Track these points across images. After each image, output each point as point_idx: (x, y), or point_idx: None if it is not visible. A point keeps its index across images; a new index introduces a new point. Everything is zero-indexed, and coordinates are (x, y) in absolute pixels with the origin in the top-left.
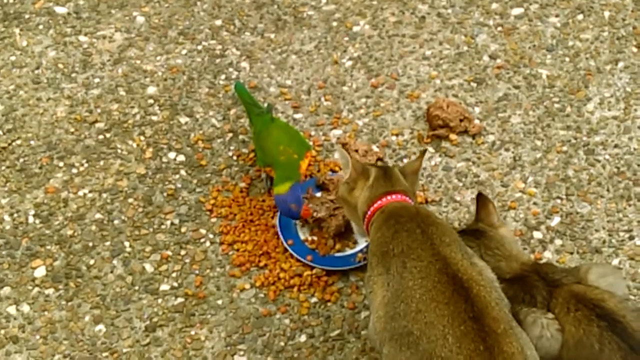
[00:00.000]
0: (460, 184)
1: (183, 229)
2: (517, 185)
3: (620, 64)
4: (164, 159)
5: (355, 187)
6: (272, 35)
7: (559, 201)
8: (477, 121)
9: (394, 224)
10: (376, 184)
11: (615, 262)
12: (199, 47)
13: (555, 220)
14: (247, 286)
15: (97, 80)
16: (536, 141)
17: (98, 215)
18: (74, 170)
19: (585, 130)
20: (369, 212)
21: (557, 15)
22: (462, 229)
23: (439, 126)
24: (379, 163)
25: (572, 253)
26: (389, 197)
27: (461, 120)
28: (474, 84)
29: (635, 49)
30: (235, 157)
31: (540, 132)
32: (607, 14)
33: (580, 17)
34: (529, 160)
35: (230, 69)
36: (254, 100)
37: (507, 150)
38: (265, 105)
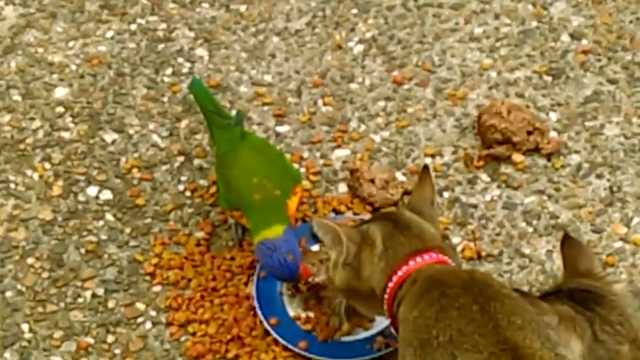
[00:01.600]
0: (530, 229)
1: (110, 304)
2: (616, 230)
3: None
4: (81, 197)
5: (361, 265)
6: (243, 8)
7: None
8: (553, 134)
9: (438, 298)
10: (391, 243)
11: None
12: (133, 27)
13: None
14: None
15: None
16: None
17: None
18: None
19: None
20: (390, 284)
21: None
22: (554, 289)
23: (496, 142)
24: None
25: None
26: (418, 259)
27: (530, 133)
28: (548, 78)
29: None
30: (188, 193)
31: None
32: None
33: None
34: (634, 193)
35: (180, 59)
36: (218, 106)
37: (600, 177)
38: (234, 113)
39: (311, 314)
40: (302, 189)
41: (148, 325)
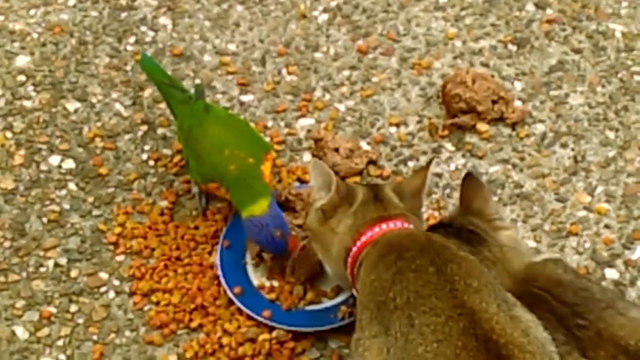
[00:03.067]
0: (495, 198)
1: (73, 273)
2: (580, 198)
3: None
4: (43, 167)
5: (333, 215)
6: None
7: None
8: (518, 103)
9: (394, 261)
10: (363, 209)
11: None
12: None
13: (639, 252)
14: (173, 359)
15: None
16: (608, 132)
17: None
18: None
19: None
20: (354, 248)
21: None
22: (446, 221)
23: (461, 111)
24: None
25: None
26: (383, 226)
27: (494, 102)
28: (512, 47)
29: None
30: (152, 162)
31: (614, 118)
32: None
33: None
34: (598, 162)
35: (143, 28)
36: (172, 79)
37: (564, 146)
38: (195, 84)
39: (275, 283)
40: (272, 156)
41: (111, 294)
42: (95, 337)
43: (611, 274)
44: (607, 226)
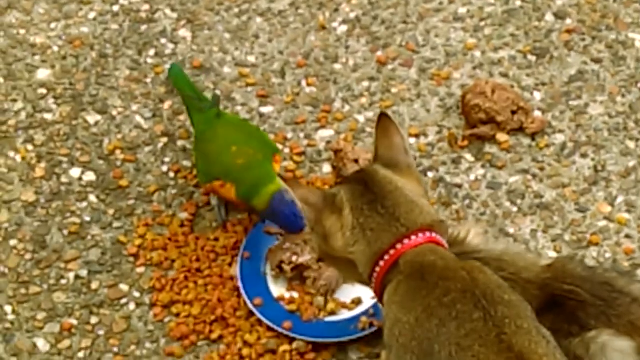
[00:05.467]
0: (515, 209)
1: (94, 285)
2: (600, 209)
3: None
4: (64, 179)
5: (328, 234)
6: None
7: None
8: (537, 113)
9: (437, 306)
10: (368, 223)
11: None
12: (115, 8)
13: None
14: None
15: None
16: (628, 142)
17: None
18: None
19: None
20: (377, 269)
21: None
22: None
23: (480, 122)
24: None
25: None
26: (405, 241)
27: (514, 113)
28: (532, 58)
29: None
30: (172, 174)
31: (634, 128)
32: None
33: None
34: (618, 172)
35: (163, 40)
36: (197, 91)
37: (584, 156)
38: (211, 96)
39: (295, 294)
40: (280, 159)
41: (132, 306)
42: (115, 349)
43: None
44: (627, 236)
